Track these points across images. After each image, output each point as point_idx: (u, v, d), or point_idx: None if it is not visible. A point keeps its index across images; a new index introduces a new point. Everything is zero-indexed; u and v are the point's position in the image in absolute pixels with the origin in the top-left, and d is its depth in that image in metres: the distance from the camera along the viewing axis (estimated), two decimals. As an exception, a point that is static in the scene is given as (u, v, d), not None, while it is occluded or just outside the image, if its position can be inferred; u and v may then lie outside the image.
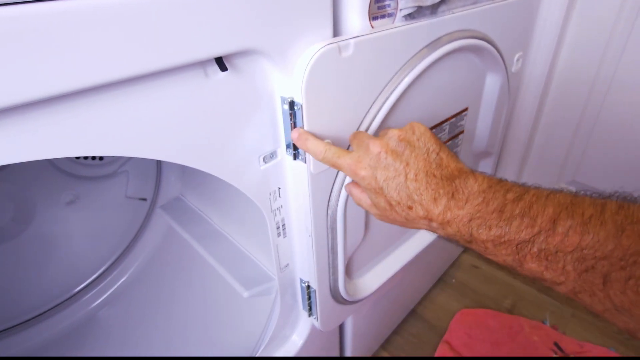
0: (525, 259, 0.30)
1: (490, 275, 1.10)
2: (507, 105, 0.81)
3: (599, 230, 0.27)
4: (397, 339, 0.94)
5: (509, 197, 0.32)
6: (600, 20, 0.87)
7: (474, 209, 0.33)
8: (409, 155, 0.36)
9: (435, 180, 0.35)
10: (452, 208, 0.33)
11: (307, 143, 0.41)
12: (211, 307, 0.75)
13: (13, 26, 0.24)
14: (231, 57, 0.37)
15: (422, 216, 0.35)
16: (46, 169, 0.73)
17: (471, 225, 0.33)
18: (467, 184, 0.34)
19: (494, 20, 0.64)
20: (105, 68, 0.29)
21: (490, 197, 0.33)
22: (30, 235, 0.73)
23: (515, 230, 0.30)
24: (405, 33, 0.48)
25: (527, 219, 0.30)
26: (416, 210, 0.35)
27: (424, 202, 0.35)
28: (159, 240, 0.86)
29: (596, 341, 0.89)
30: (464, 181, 0.34)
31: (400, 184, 0.35)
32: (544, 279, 0.30)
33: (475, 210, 0.33)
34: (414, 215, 0.35)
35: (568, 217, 0.29)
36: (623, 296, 0.26)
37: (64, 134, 0.30)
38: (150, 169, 0.83)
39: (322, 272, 0.55)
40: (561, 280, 0.29)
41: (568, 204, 0.30)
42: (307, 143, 0.41)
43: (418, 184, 0.35)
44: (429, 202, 0.34)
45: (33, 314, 0.76)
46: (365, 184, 0.38)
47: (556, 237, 0.29)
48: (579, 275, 0.28)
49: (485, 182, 0.34)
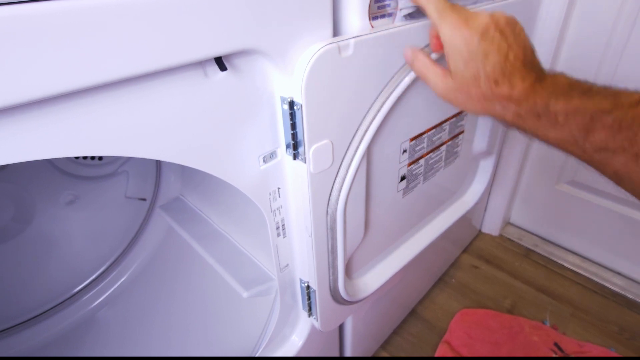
0: (594, 128, 0.32)
1: (490, 275, 1.10)
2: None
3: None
4: (397, 339, 0.94)
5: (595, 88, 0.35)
6: (600, 19, 0.87)
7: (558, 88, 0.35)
8: (513, 40, 0.38)
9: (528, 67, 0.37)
10: (536, 87, 0.36)
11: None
12: (211, 307, 0.75)
13: (13, 26, 0.24)
14: (231, 57, 0.37)
15: (504, 94, 0.37)
16: (46, 169, 0.73)
17: (550, 97, 0.35)
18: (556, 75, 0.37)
19: (494, 20, 0.64)
20: (105, 68, 0.29)
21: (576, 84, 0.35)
22: (30, 235, 0.73)
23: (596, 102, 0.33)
24: (405, 33, 0.48)
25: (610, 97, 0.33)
26: (502, 86, 0.37)
27: (512, 81, 0.36)
28: (158, 240, 0.86)
29: (596, 341, 0.90)
30: (552, 74, 0.37)
31: (498, 61, 0.37)
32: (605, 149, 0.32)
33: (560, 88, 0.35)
34: (497, 91, 0.37)
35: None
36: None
37: (64, 134, 0.30)
38: (150, 169, 0.83)
39: (321, 272, 0.55)
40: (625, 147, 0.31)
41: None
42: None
43: (513, 67, 0.37)
44: (517, 80, 0.36)
45: (33, 314, 0.76)
46: (463, 46, 0.38)
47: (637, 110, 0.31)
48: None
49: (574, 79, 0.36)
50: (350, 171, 0.49)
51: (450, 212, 0.84)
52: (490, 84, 0.37)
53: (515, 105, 0.37)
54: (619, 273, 1.08)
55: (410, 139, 0.60)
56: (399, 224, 0.70)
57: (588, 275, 1.08)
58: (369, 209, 0.59)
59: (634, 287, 1.04)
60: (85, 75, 0.28)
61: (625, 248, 1.04)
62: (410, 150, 0.61)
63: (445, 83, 0.41)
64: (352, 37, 0.41)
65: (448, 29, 0.39)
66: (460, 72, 0.39)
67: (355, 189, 0.52)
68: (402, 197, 0.66)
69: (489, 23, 0.37)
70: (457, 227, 0.90)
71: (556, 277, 1.08)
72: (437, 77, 0.42)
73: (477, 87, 0.38)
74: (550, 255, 1.15)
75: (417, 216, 0.75)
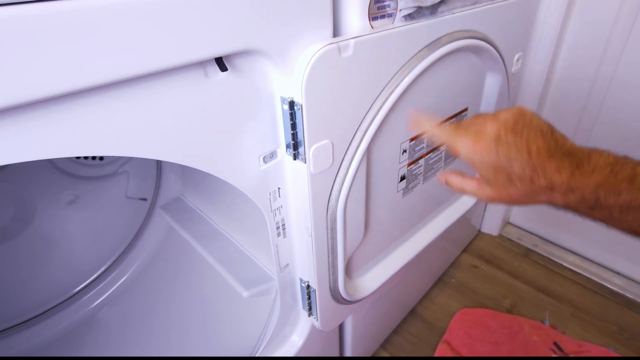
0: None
1: (490, 275, 1.10)
2: (507, 105, 0.81)
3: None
4: (397, 338, 0.94)
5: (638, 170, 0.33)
6: (599, 20, 0.87)
7: (601, 178, 0.34)
8: (528, 134, 0.37)
9: (557, 155, 0.36)
10: (577, 177, 0.35)
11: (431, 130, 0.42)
12: (211, 307, 0.75)
13: (13, 26, 0.24)
14: (231, 57, 0.37)
15: (544, 186, 0.36)
16: (46, 169, 0.73)
17: (598, 191, 0.34)
18: (591, 157, 0.35)
19: (494, 21, 0.65)
20: (106, 68, 0.29)
21: (618, 168, 0.34)
22: (30, 235, 0.73)
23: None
24: (405, 33, 0.48)
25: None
26: (539, 181, 0.36)
27: (547, 173, 0.36)
28: (159, 240, 0.86)
29: (596, 341, 0.90)
30: (587, 155, 0.36)
31: (523, 160, 0.36)
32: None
33: (604, 178, 0.34)
34: (536, 186, 0.36)
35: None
36: None
37: (65, 134, 0.30)
38: (150, 169, 0.83)
39: (322, 272, 0.55)
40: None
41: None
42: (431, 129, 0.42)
43: (541, 159, 0.36)
44: (553, 172, 0.35)
45: (33, 314, 0.76)
46: (486, 160, 0.38)
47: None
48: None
49: (611, 157, 0.35)
50: (350, 171, 0.49)
51: (449, 212, 0.84)
52: (526, 182, 0.37)
53: (562, 196, 0.36)
54: (618, 273, 1.08)
55: (410, 139, 0.60)
56: (399, 224, 0.70)
57: (588, 275, 1.08)
58: (369, 209, 0.59)
59: (634, 287, 1.04)
60: (86, 75, 0.28)
61: (625, 248, 1.04)
62: (410, 150, 0.62)
63: (484, 192, 0.41)
64: (352, 38, 0.41)
65: (464, 150, 0.39)
66: (494, 180, 0.39)
67: (355, 189, 0.52)
68: (402, 197, 0.66)
69: (498, 129, 0.37)
70: (457, 227, 0.90)
71: (556, 277, 1.08)
72: (475, 190, 0.42)
73: (515, 189, 0.38)
74: (550, 255, 1.15)
75: (417, 216, 0.75)
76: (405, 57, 0.50)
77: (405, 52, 0.49)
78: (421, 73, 0.51)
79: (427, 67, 0.52)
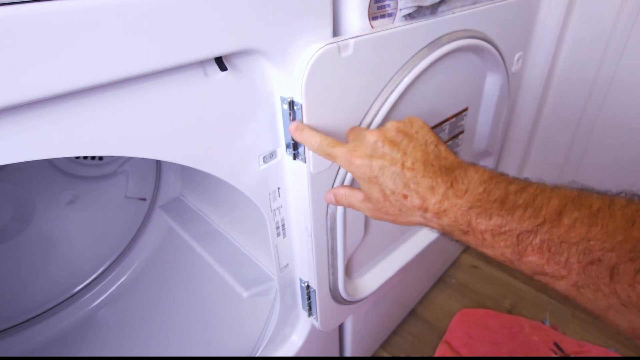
0: (525, 251, 0.29)
1: (490, 275, 1.10)
2: (507, 105, 0.81)
3: (608, 222, 0.26)
4: (397, 339, 0.94)
5: (512, 189, 0.31)
6: (600, 19, 0.87)
7: (474, 198, 0.31)
8: (407, 145, 0.35)
9: (433, 169, 0.34)
10: (450, 197, 0.32)
11: (302, 134, 0.40)
12: (211, 307, 0.74)
13: (12, 26, 0.24)
14: (231, 57, 0.37)
15: (417, 205, 0.34)
16: (46, 169, 0.73)
17: (470, 214, 0.31)
18: (467, 174, 0.33)
19: (494, 20, 0.64)
20: (105, 68, 0.29)
21: (491, 187, 0.31)
22: (30, 235, 0.73)
23: (517, 219, 0.29)
24: (405, 33, 0.48)
25: (530, 209, 0.29)
26: (411, 199, 0.34)
27: (420, 191, 0.33)
28: (158, 240, 0.86)
29: (596, 341, 0.89)
30: (464, 171, 0.33)
31: (396, 173, 0.34)
32: (544, 273, 0.29)
33: (476, 199, 0.31)
34: (409, 204, 0.34)
35: (575, 209, 0.28)
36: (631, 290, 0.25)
37: (64, 134, 0.30)
38: (150, 169, 0.83)
39: (321, 272, 0.55)
40: (563, 274, 0.27)
41: (575, 196, 0.29)
42: (303, 134, 0.40)
43: (415, 173, 0.34)
44: (426, 190, 0.33)
45: (33, 314, 0.76)
46: (360, 172, 0.36)
47: (561, 228, 0.27)
48: (583, 268, 0.27)
49: (487, 174, 0.33)
50: (350, 171, 0.49)
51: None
52: (399, 199, 0.34)
53: (436, 218, 0.33)
54: (618, 273, 1.07)
55: (410, 139, 0.60)
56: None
57: (588, 275, 1.08)
58: (369, 209, 0.59)
59: (634, 287, 1.03)
60: (86, 75, 0.28)
61: (625, 248, 1.04)
62: (410, 150, 0.61)
63: (367, 206, 0.39)
64: (352, 37, 0.41)
65: (341, 162, 0.38)
66: (370, 194, 0.37)
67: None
68: (402, 197, 0.66)
69: (375, 140, 0.36)
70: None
71: (556, 277, 1.08)
72: (360, 203, 0.40)
73: (390, 205, 0.36)
74: (550, 255, 1.15)
75: (417, 216, 0.75)
76: (405, 57, 0.50)
77: (405, 52, 0.49)
78: (421, 73, 0.51)
79: (427, 67, 0.52)
